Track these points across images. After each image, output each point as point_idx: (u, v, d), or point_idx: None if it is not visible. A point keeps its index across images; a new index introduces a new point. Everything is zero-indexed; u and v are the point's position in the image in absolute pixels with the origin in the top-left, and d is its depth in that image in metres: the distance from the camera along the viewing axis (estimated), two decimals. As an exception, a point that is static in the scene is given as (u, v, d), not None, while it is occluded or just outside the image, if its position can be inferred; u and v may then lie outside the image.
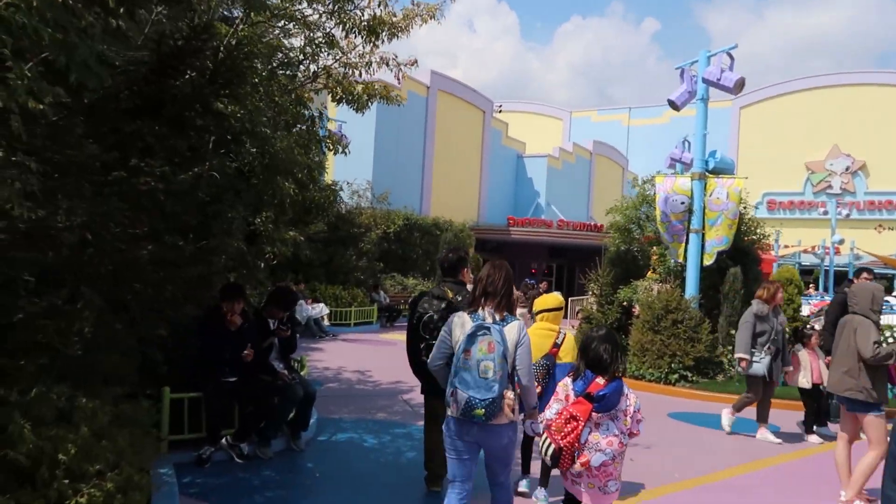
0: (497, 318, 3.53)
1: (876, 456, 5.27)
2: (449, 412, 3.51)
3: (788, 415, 8.48)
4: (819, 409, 7.73)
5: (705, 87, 11.18)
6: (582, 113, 51.83)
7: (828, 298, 21.28)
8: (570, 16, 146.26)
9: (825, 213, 38.75)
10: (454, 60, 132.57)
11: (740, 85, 10.43)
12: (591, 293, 12.76)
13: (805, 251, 34.63)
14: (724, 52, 10.79)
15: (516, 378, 3.48)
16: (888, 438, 4.56)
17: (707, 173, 11.33)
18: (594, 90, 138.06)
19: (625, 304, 11.78)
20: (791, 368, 7.58)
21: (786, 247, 34.06)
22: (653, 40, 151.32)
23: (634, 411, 3.52)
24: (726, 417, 7.63)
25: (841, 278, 34.72)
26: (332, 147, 7.83)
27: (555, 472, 3.80)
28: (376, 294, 18.57)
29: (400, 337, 10.12)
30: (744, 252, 11.97)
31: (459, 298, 4.70)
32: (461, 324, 3.55)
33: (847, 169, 41.40)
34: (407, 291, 20.09)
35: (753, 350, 7.24)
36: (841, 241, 32.21)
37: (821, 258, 33.09)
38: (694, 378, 10.02)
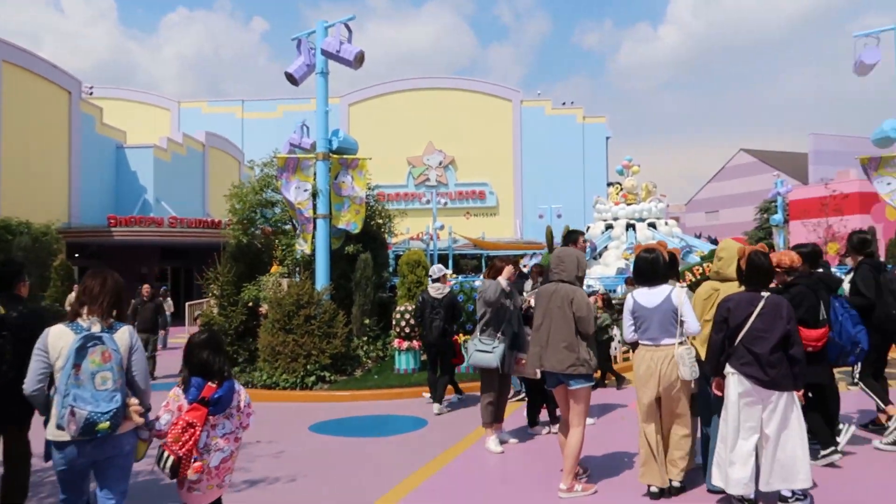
0: (104, 326, 3.44)
1: (581, 431, 4.97)
2: (60, 437, 3.31)
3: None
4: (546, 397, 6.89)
5: (325, 60, 10.35)
6: (192, 104, 48.12)
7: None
8: (175, 6, 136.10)
9: (427, 202, 42.92)
10: (38, 42, 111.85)
11: (360, 58, 9.83)
12: (210, 295, 10.97)
13: (412, 238, 37.67)
14: (343, 24, 10.07)
15: (135, 383, 3.49)
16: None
17: (331, 153, 10.54)
18: (206, 85, 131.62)
19: (250, 304, 10.34)
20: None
21: (397, 235, 36.50)
22: (263, 39, 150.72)
23: (245, 405, 3.63)
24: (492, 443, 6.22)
25: (443, 260, 39.05)
26: None
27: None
28: None
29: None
30: (372, 237, 11.58)
31: (14, 314, 4.17)
32: (59, 336, 3.38)
33: (441, 163, 46.62)
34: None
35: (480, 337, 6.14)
36: (441, 227, 35.75)
37: (426, 243, 36.30)
38: (332, 377, 9.12)
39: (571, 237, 6.25)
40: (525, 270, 11.90)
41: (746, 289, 4.52)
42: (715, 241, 29.51)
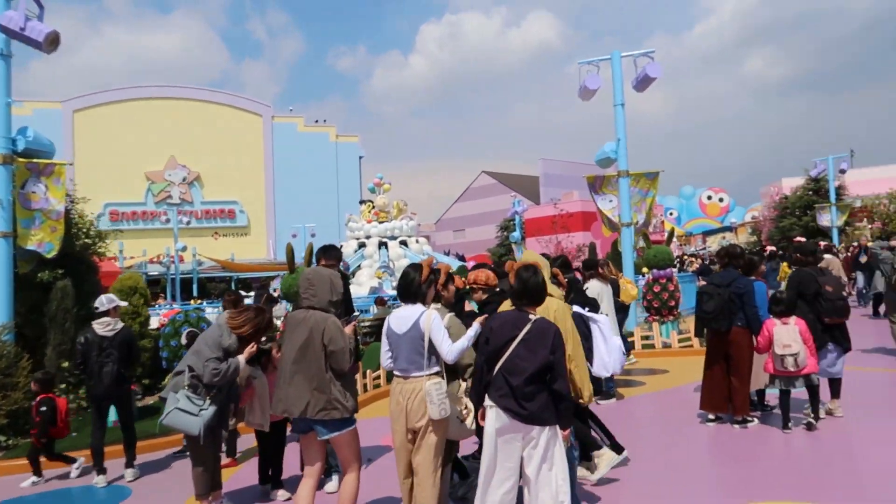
0: None
1: (356, 476, 4.19)
2: None
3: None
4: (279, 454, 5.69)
5: (5, 39, 8.28)
6: None
7: (177, 306, 20.62)
8: None
9: (167, 221, 39.07)
10: None
11: (53, 40, 7.98)
12: None
13: (151, 261, 33.91)
14: (28, -3, 8.12)
15: None
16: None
17: (16, 156, 8.44)
18: None
19: None
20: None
21: (131, 258, 32.57)
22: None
23: None
24: None
25: (187, 284, 35.58)
26: None
27: None
28: None
29: None
30: (76, 260, 9.55)
31: None
32: None
33: (185, 180, 42.89)
34: None
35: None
36: (184, 249, 32.67)
37: (167, 266, 32.85)
38: (10, 441, 7.10)
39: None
40: (276, 295, 10.82)
41: (515, 308, 4.01)
42: (462, 258, 30.79)
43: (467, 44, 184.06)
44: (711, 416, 6.66)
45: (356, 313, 4.92)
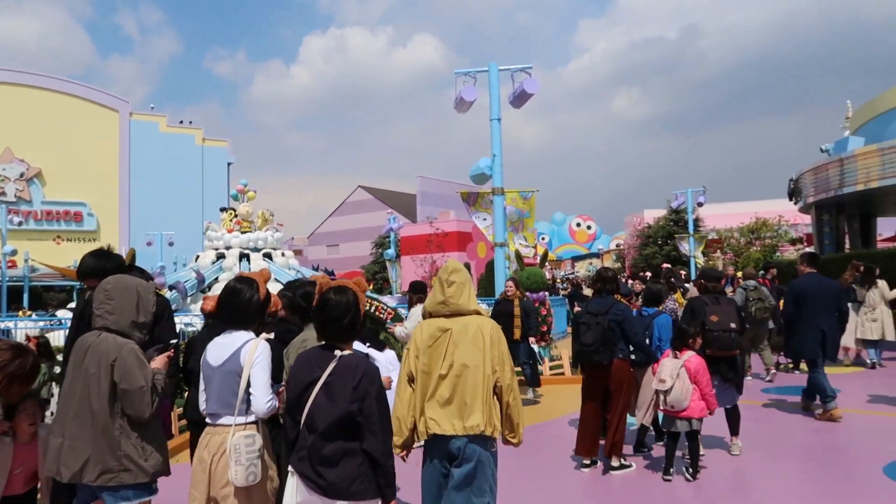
0: None
1: None
2: None
3: None
4: None
5: None
6: None
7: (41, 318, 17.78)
8: None
9: (-4, 221, 34.61)
10: None
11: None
12: None
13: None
14: None
15: None
16: None
17: None
18: None
19: None
20: None
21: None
22: None
23: None
24: None
25: (17, 294, 31.47)
26: None
27: None
28: None
29: None
30: None
31: None
32: None
33: (22, 175, 38.31)
34: None
35: None
36: (14, 252, 28.88)
37: (-6, 272, 28.90)
38: None
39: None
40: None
41: (322, 343, 3.00)
42: (332, 274, 29.39)
43: (352, 59, 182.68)
44: (586, 461, 5.92)
45: (174, 340, 3.65)
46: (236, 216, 23.29)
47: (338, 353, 2.86)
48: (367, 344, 4.21)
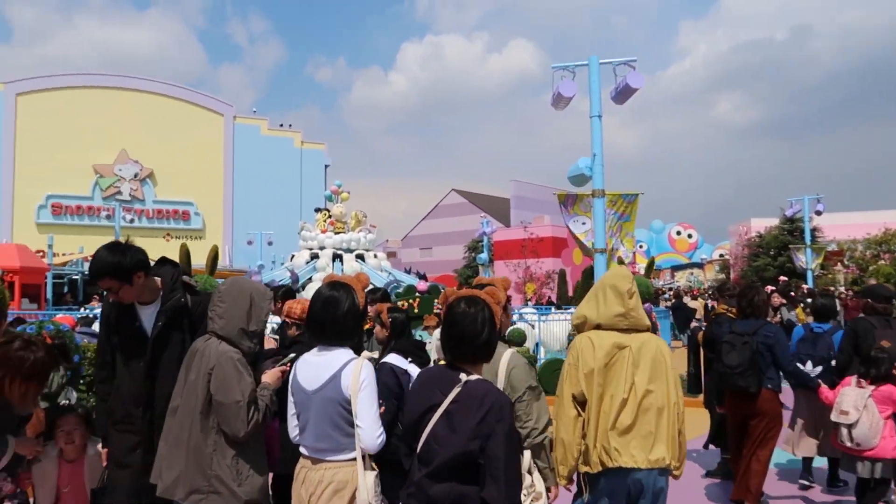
0: None
1: None
2: None
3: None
4: None
5: None
6: None
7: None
8: None
9: (109, 218, 36.68)
10: None
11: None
12: None
13: (87, 259, 31.47)
14: None
15: None
16: None
17: None
18: None
19: None
20: None
21: (63, 255, 30.21)
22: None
23: None
24: None
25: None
26: None
27: None
28: None
29: None
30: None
31: None
32: None
33: (136, 176, 40.50)
34: None
35: None
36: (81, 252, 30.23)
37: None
38: None
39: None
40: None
41: (447, 362, 2.51)
42: (424, 277, 29.10)
43: (447, 65, 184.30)
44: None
45: (293, 354, 3.04)
46: (330, 217, 23.39)
47: (463, 377, 2.35)
48: (409, 359, 3.50)
